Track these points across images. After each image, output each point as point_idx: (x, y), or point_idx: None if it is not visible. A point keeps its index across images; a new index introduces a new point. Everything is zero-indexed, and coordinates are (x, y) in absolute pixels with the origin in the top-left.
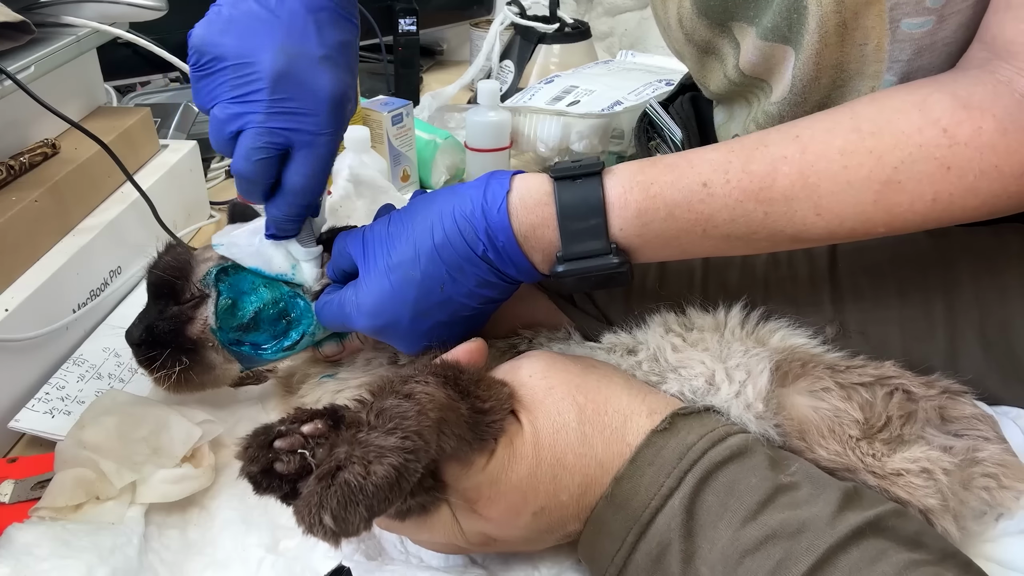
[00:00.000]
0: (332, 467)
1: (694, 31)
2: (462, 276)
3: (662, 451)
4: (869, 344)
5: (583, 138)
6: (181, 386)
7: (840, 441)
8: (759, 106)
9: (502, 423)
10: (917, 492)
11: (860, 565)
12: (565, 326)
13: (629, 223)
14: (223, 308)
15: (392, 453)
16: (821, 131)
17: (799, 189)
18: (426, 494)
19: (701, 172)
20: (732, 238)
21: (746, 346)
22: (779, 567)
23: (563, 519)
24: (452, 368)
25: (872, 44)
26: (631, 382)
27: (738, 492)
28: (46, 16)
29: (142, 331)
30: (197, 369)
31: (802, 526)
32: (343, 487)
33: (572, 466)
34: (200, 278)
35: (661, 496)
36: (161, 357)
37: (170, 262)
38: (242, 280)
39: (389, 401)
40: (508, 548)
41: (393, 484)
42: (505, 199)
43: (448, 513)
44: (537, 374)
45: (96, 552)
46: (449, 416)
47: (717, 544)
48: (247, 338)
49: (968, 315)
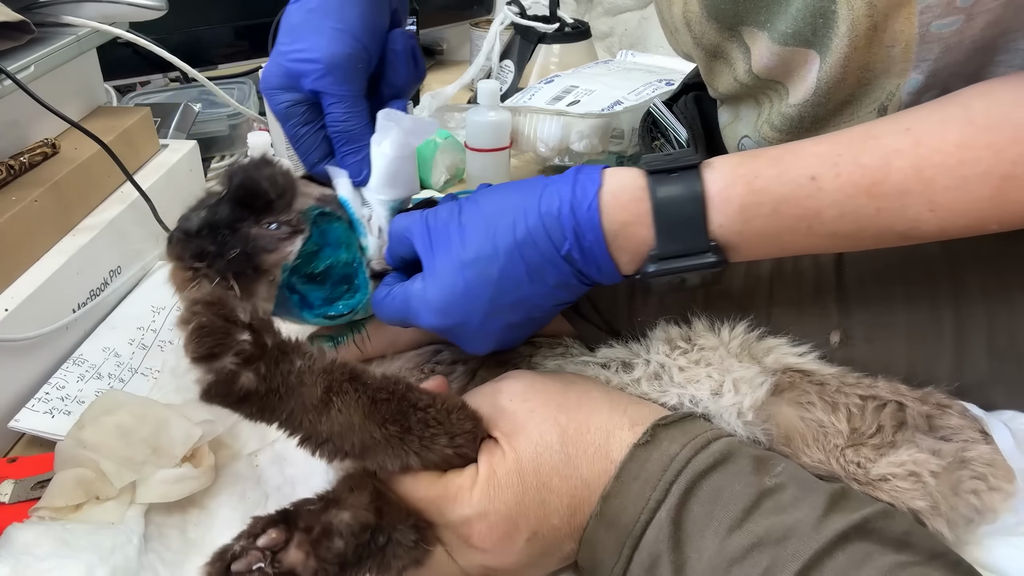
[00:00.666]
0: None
1: (703, 35)
2: (541, 276)
3: (646, 464)
4: (874, 352)
5: (583, 138)
6: None
7: (824, 450)
8: (773, 107)
9: (457, 451)
10: (904, 495)
11: (846, 569)
12: (564, 337)
13: (731, 219)
14: (307, 251)
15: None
16: (935, 124)
17: (914, 183)
18: (415, 551)
19: (808, 165)
20: (838, 236)
21: (743, 362)
22: (766, 574)
23: (558, 541)
24: (401, 388)
25: (900, 46)
26: (611, 394)
27: (723, 500)
28: (46, 16)
29: (204, 224)
30: (234, 294)
31: (788, 532)
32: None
33: (559, 488)
34: (303, 210)
35: (649, 510)
36: (214, 262)
37: (274, 176)
38: (333, 231)
39: (315, 375)
40: None
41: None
42: (596, 195)
43: (444, 555)
44: (517, 397)
45: (96, 552)
46: (348, 435)
47: (705, 554)
48: (302, 288)
49: (977, 323)
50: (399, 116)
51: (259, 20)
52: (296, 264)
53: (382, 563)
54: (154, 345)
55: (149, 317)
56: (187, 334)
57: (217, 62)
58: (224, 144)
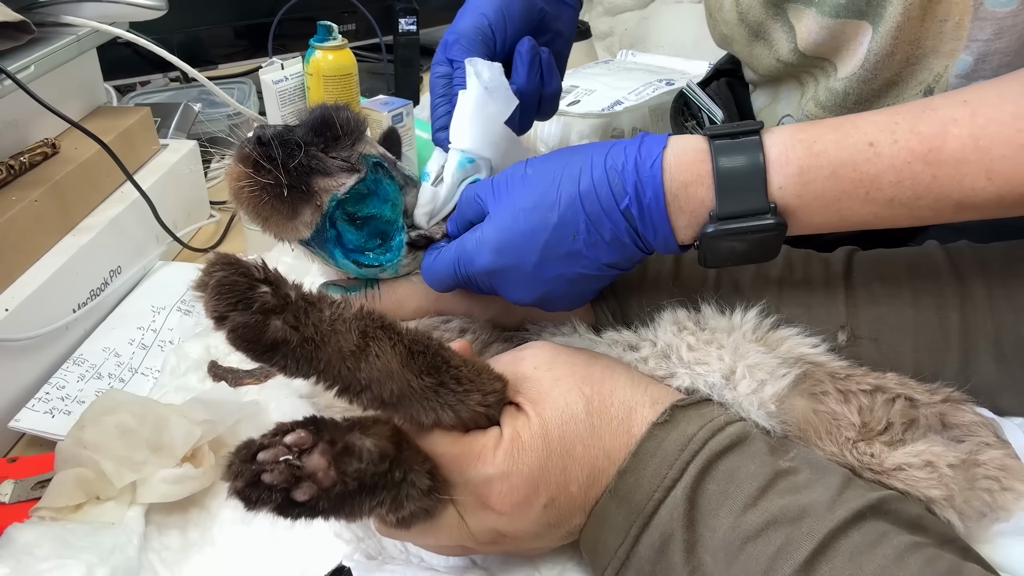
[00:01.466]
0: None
1: (749, 10)
2: (598, 229)
3: (664, 443)
4: (880, 351)
5: (583, 138)
6: (258, 201)
7: (837, 443)
8: (820, 85)
9: (485, 409)
10: (919, 484)
11: (861, 548)
12: (572, 319)
13: (790, 181)
14: (358, 191)
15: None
16: (991, 96)
17: (970, 152)
18: (427, 498)
19: (867, 132)
20: (895, 203)
21: (759, 349)
22: (780, 552)
23: (571, 511)
24: (435, 343)
25: (953, 21)
26: (633, 373)
27: (738, 479)
28: (46, 16)
29: (278, 136)
30: (286, 205)
31: (802, 511)
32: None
33: (581, 457)
34: (364, 153)
35: (664, 488)
36: (275, 169)
37: (350, 119)
38: (384, 184)
39: (350, 321)
40: (515, 546)
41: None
42: (660, 155)
43: (454, 514)
44: (542, 366)
45: (96, 552)
46: (386, 382)
47: (718, 532)
48: (342, 227)
49: (983, 328)
50: (482, 68)
51: (259, 20)
52: (344, 199)
53: (395, 499)
54: (154, 345)
55: (149, 317)
56: (207, 294)
57: (217, 62)
58: (224, 144)
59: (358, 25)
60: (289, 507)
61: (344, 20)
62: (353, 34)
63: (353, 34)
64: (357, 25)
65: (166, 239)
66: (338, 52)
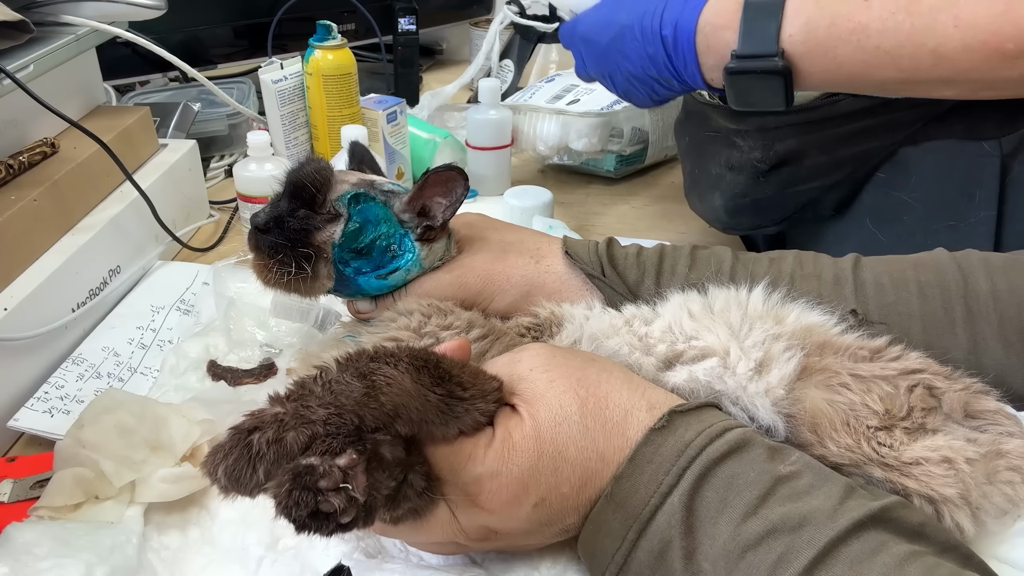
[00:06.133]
0: (250, 427)
1: None
2: (644, 43)
3: (660, 448)
4: (890, 335)
5: (583, 137)
6: (282, 283)
7: (855, 433)
8: None
9: (486, 413)
10: (934, 481)
11: (861, 557)
12: (587, 298)
13: (798, 30)
14: (350, 230)
15: (310, 426)
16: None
17: (943, 2)
18: (418, 498)
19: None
20: (881, 51)
21: (766, 325)
22: (780, 561)
23: (563, 511)
24: (432, 354)
25: None
26: (631, 376)
27: (737, 487)
28: (45, 15)
29: (270, 219)
30: (304, 272)
31: (803, 519)
32: (244, 447)
33: (574, 458)
34: (337, 197)
35: (660, 494)
36: (283, 251)
37: (314, 173)
38: (370, 209)
39: (342, 376)
40: (508, 542)
41: (298, 453)
42: (702, 6)
43: (445, 512)
44: (538, 367)
45: (95, 551)
46: (410, 402)
47: (718, 540)
48: (354, 262)
49: (987, 318)
50: None
51: (258, 20)
52: (342, 241)
53: (395, 499)
54: (153, 344)
55: (148, 316)
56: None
57: (217, 62)
58: (223, 143)
59: (358, 25)
60: (335, 528)
61: (344, 20)
62: (353, 34)
63: (353, 34)
64: (357, 25)
65: (165, 239)
66: (337, 52)
